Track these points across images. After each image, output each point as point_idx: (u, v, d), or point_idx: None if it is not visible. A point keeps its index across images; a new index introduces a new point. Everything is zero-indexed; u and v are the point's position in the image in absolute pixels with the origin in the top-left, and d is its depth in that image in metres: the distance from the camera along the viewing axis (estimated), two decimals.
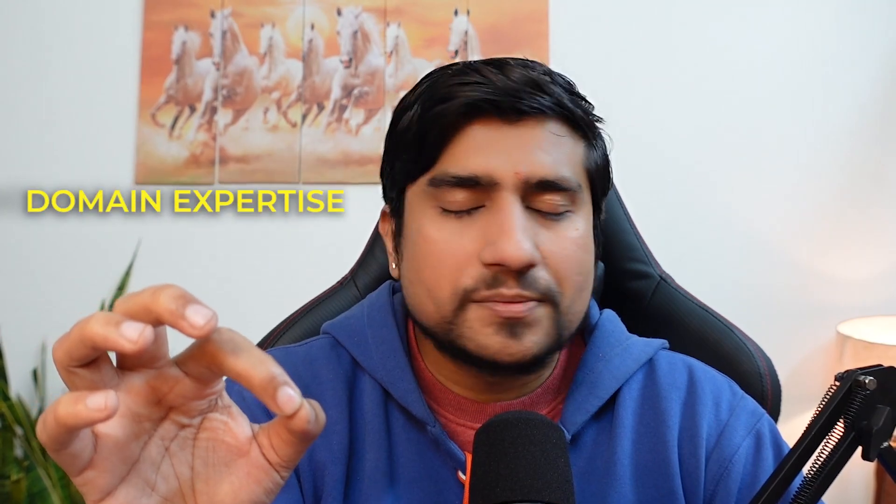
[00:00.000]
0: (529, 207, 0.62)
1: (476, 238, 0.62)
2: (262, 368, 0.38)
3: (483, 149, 0.62)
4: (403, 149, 0.67)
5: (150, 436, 0.41)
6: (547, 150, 0.62)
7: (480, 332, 0.61)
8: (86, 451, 0.38)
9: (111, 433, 0.39)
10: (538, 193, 0.62)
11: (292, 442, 0.41)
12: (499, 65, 0.64)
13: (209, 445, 0.43)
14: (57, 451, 0.37)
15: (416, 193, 0.66)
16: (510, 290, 0.60)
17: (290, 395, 0.38)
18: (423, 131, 0.64)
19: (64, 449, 0.37)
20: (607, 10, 2.03)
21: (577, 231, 0.64)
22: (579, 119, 0.65)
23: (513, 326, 0.61)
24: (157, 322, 0.36)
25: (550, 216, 0.63)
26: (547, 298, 0.61)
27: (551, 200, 0.62)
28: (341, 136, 2.00)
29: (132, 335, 0.35)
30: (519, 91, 0.62)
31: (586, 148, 0.66)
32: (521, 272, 0.60)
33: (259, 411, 0.68)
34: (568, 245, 0.63)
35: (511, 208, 0.61)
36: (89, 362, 0.37)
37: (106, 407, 0.35)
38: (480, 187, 0.62)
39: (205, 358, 0.39)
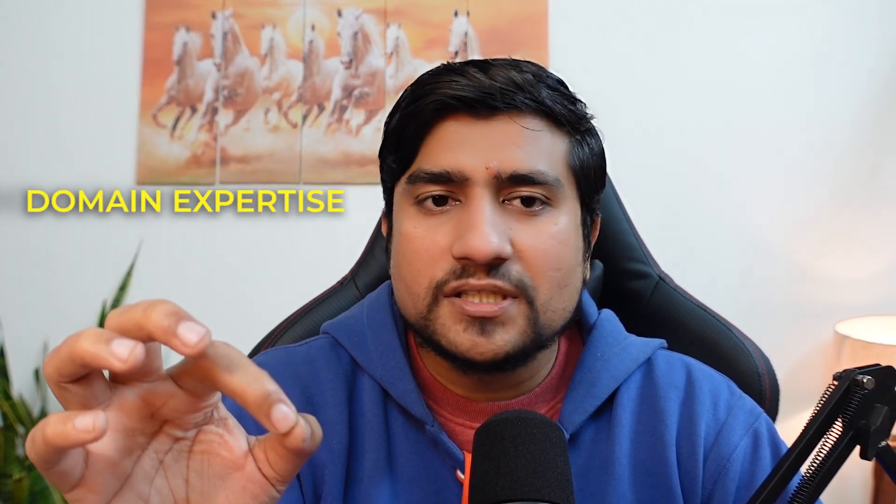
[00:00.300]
0: (506, 202, 0.63)
1: (449, 233, 0.62)
2: (257, 386, 0.37)
3: (455, 145, 0.63)
4: (389, 150, 0.68)
5: (144, 449, 0.41)
6: (520, 144, 0.62)
7: (451, 328, 0.62)
8: (76, 469, 0.37)
9: (102, 451, 0.38)
10: (512, 187, 0.62)
11: (288, 457, 0.40)
12: (482, 65, 0.65)
13: (204, 458, 0.42)
14: (46, 469, 0.36)
15: (399, 192, 0.67)
16: (479, 280, 0.60)
17: (285, 413, 0.37)
18: (401, 130, 0.65)
19: (53, 468, 0.36)
20: (606, 11, 2.03)
21: (555, 226, 0.63)
22: (559, 115, 0.64)
23: (483, 324, 0.61)
24: (148, 339, 0.36)
25: (527, 210, 0.63)
26: (520, 293, 0.61)
27: (527, 194, 0.62)
28: (342, 137, 2.01)
29: (122, 353, 0.34)
30: (492, 88, 0.62)
31: (570, 144, 0.66)
32: (490, 266, 0.60)
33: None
34: (545, 239, 0.62)
35: (480, 203, 0.61)
36: (80, 378, 0.37)
37: (94, 428, 0.34)
38: (453, 183, 0.62)
39: (199, 373, 0.38)
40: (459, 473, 0.66)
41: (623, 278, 0.97)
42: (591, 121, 0.69)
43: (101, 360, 0.34)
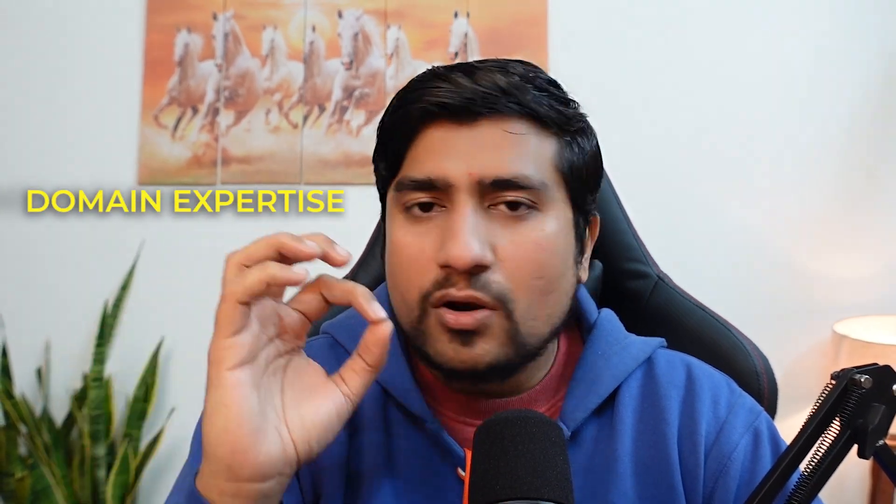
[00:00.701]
0: (491, 207, 0.62)
1: (434, 241, 0.62)
2: (358, 290, 0.55)
3: (438, 152, 0.62)
4: (379, 156, 0.68)
5: (265, 346, 0.54)
6: (504, 149, 0.62)
7: (438, 338, 0.62)
8: (246, 319, 0.52)
9: (254, 323, 0.53)
10: (496, 193, 0.61)
11: (363, 371, 0.57)
12: (468, 69, 0.64)
13: (295, 376, 0.56)
14: (244, 302, 0.51)
15: (390, 199, 0.67)
16: (460, 290, 0.60)
17: (379, 308, 0.55)
18: (388, 137, 0.66)
19: (249, 303, 0.51)
20: (605, 13, 2.03)
21: (541, 232, 0.62)
22: (545, 117, 0.63)
23: (464, 335, 0.61)
24: (298, 259, 0.54)
25: (513, 216, 0.62)
26: (499, 305, 0.61)
27: (512, 198, 0.62)
28: (342, 138, 2.01)
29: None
30: (475, 93, 0.61)
31: (558, 146, 0.65)
32: (472, 273, 0.60)
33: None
34: (528, 247, 0.62)
35: (462, 209, 0.61)
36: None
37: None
38: (438, 190, 0.62)
39: (318, 287, 0.56)
40: (460, 471, 0.66)
41: (622, 278, 0.98)
42: (586, 120, 0.68)
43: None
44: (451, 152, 0.62)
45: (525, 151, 0.63)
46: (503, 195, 0.62)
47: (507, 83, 0.62)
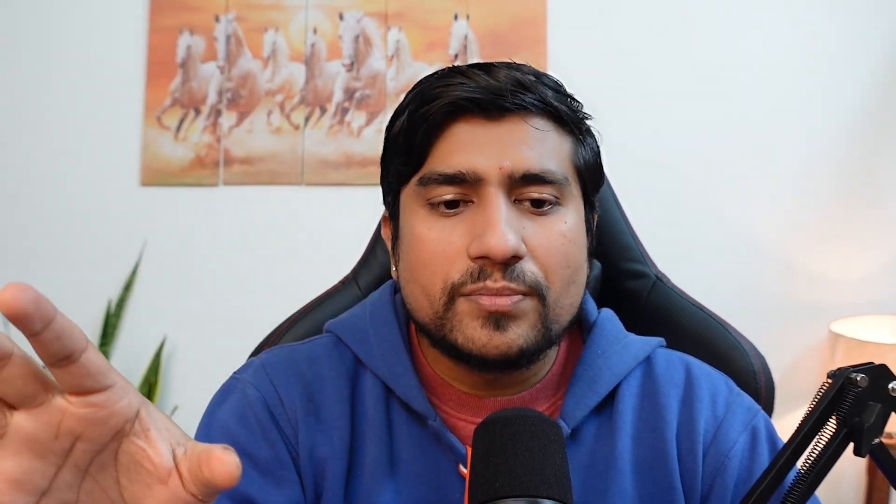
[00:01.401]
0: (517, 201, 0.64)
1: (464, 234, 0.63)
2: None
3: (468, 146, 0.63)
4: (395, 153, 0.69)
5: (61, 465, 0.39)
6: (531, 144, 0.64)
7: (469, 325, 0.62)
8: None
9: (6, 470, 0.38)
10: (524, 187, 0.63)
11: (207, 483, 0.39)
12: (485, 67, 0.66)
13: (131, 466, 0.41)
14: None
15: (408, 195, 0.68)
16: (496, 283, 0.61)
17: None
18: (411, 133, 0.66)
19: None
20: (604, 14, 2.04)
21: (565, 224, 0.65)
22: (564, 115, 0.66)
23: (498, 320, 0.62)
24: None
25: (538, 209, 0.64)
26: (534, 292, 0.62)
27: (538, 193, 0.63)
28: (343, 138, 2.02)
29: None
30: (501, 89, 0.63)
31: (574, 144, 0.67)
32: (506, 264, 0.61)
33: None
34: (556, 238, 0.64)
35: (496, 202, 0.62)
36: None
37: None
38: (467, 184, 0.63)
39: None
40: (462, 468, 0.67)
41: (621, 278, 0.98)
42: (588, 121, 0.70)
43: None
44: (480, 147, 0.63)
45: (549, 147, 0.65)
46: (530, 189, 0.63)
47: (526, 80, 0.65)
